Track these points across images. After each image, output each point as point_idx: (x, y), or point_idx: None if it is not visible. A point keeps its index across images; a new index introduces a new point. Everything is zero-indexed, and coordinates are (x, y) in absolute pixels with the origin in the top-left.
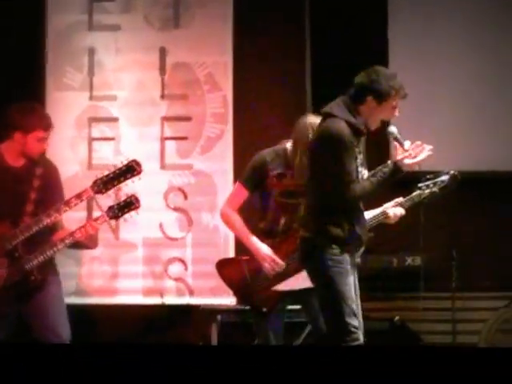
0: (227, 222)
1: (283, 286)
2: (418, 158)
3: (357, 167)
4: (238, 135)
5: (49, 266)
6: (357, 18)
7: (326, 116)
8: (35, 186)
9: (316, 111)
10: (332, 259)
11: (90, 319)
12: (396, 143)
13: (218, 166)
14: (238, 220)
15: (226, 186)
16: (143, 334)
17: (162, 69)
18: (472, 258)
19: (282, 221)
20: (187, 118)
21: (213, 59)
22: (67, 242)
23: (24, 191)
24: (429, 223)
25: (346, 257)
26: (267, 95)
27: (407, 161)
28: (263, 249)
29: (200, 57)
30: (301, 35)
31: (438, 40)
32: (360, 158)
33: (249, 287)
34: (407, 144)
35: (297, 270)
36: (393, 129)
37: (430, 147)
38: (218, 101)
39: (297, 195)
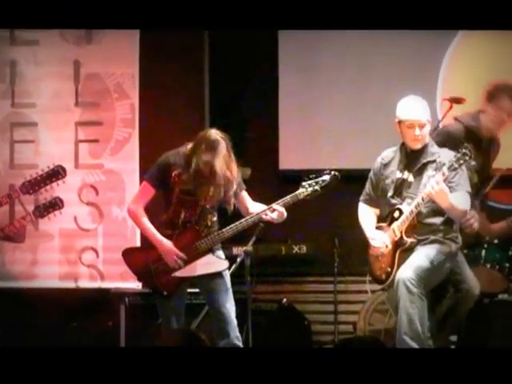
0: (134, 218)
1: (181, 273)
2: None
3: None
4: (143, 138)
5: None
6: (249, 41)
7: None
8: None
9: (213, 116)
10: None
11: (13, 301)
12: None
13: (126, 166)
14: (143, 217)
15: (133, 183)
16: (60, 314)
17: (76, 79)
18: (351, 246)
19: (182, 215)
20: (98, 123)
21: (121, 71)
22: None
23: None
24: (314, 216)
25: None
26: (169, 103)
27: None
28: (165, 243)
29: (110, 68)
30: (200, 51)
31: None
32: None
33: (151, 273)
34: None
35: (194, 259)
36: None
37: None
38: (125, 107)
39: (196, 193)
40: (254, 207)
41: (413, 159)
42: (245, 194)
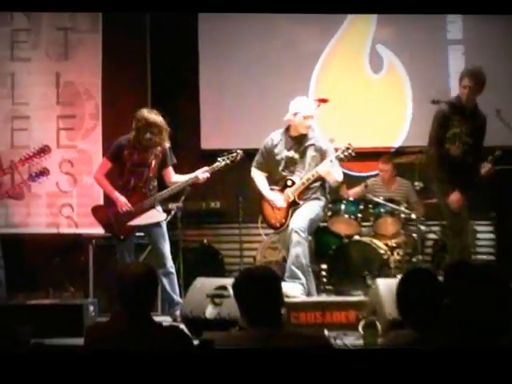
0: (99, 182)
1: (133, 222)
2: None
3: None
4: (105, 127)
5: None
6: (181, 52)
7: None
8: None
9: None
10: None
11: (15, 243)
12: None
13: (93, 147)
14: (105, 182)
15: (97, 159)
16: (47, 252)
17: (57, 85)
18: (251, 201)
19: (132, 182)
20: (73, 116)
21: (89, 80)
22: (3, 196)
23: None
24: (225, 181)
25: None
26: (123, 102)
27: None
28: (121, 198)
29: (81, 78)
30: (143, 61)
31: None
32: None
33: (111, 223)
34: None
35: (142, 212)
36: None
37: None
38: (92, 105)
39: (142, 166)
40: (177, 178)
41: (297, 142)
42: (171, 169)
